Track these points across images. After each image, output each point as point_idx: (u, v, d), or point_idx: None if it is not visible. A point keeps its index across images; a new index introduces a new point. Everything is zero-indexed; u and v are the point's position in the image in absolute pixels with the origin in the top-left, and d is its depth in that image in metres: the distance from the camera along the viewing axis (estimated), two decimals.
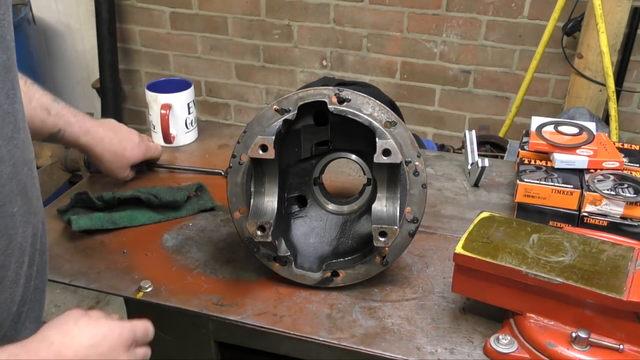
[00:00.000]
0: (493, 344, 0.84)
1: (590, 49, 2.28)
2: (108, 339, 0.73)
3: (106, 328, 0.73)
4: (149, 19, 3.07)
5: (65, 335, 0.70)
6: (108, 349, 0.72)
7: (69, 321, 0.72)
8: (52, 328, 0.71)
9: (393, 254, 0.94)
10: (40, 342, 0.68)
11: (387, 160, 0.88)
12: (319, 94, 0.92)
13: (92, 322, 0.73)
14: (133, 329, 0.77)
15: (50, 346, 0.68)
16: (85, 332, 0.71)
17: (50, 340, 0.69)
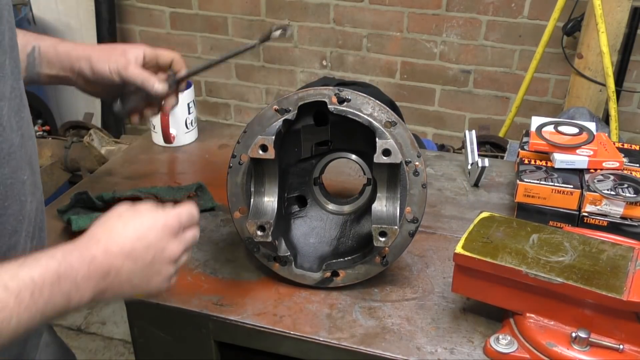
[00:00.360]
0: (493, 344, 0.84)
1: (590, 49, 2.28)
2: (153, 230, 0.73)
3: (150, 219, 0.74)
4: (149, 19, 3.07)
5: (110, 231, 0.71)
6: (155, 240, 0.73)
7: (113, 217, 0.73)
8: (98, 226, 0.72)
9: (393, 254, 0.94)
10: (89, 240, 0.70)
11: (387, 160, 0.88)
12: (319, 94, 0.92)
13: (136, 215, 0.74)
14: (178, 216, 0.76)
15: (98, 243, 0.69)
16: (130, 226, 0.72)
17: (97, 238, 0.70)
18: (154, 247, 0.73)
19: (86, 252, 0.68)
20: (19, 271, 0.62)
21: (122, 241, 0.71)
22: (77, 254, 0.67)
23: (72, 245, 0.69)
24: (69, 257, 0.66)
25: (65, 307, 0.65)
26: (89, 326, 2.50)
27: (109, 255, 0.69)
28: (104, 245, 0.69)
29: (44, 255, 0.65)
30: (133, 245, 0.71)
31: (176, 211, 0.77)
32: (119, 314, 2.52)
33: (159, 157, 1.40)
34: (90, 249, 0.69)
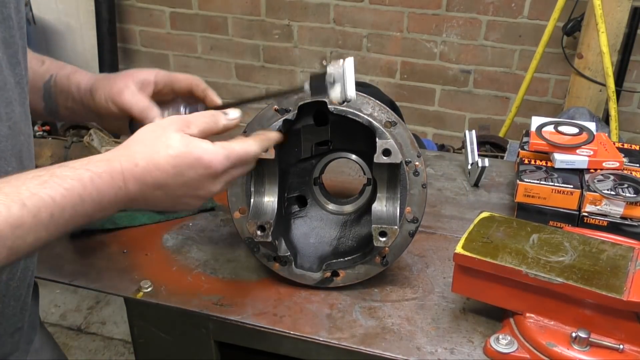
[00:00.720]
0: (493, 344, 0.84)
1: (590, 49, 2.28)
2: (194, 169, 0.71)
3: (194, 158, 0.71)
4: (149, 19, 3.07)
5: (150, 160, 0.69)
6: (192, 180, 0.71)
7: (160, 137, 0.71)
8: (141, 143, 0.70)
9: (393, 254, 0.94)
10: (125, 160, 0.68)
11: (387, 160, 0.88)
12: None
13: (183, 148, 0.70)
14: (227, 159, 0.73)
15: (133, 168, 0.68)
16: (172, 159, 0.70)
17: (134, 161, 0.69)
18: (189, 185, 0.71)
19: (118, 178, 0.67)
20: (40, 190, 0.61)
21: (158, 174, 0.69)
22: (108, 178, 0.66)
23: (104, 163, 0.67)
24: (97, 180, 0.65)
25: (87, 222, 0.66)
26: (89, 326, 2.50)
27: (141, 185, 0.68)
28: (139, 173, 0.68)
29: (70, 173, 0.64)
30: (168, 180, 0.70)
31: (226, 152, 0.74)
32: (119, 314, 2.52)
33: None
34: (124, 172, 0.67)
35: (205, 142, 0.73)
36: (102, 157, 0.68)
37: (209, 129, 0.77)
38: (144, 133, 0.72)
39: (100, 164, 0.67)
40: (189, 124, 0.74)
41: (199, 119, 0.76)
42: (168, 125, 0.73)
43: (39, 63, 0.95)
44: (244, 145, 0.78)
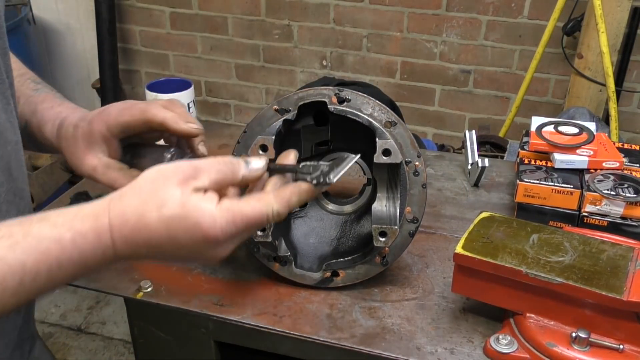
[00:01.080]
0: (493, 344, 0.84)
1: (590, 49, 2.28)
2: (190, 235, 0.61)
3: (191, 223, 0.60)
4: (149, 19, 3.07)
5: (140, 218, 0.60)
6: (190, 246, 0.61)
7: (154, 199, 0.60)
8: (136, 194, 0.61)
9: (393, 254, 0.94)
10: (116, 214, 0.60)
11: (387, 160, 0.88)
12: (319, 94, 0.92)
13: (178, 209, 0.60)
14: (232, 222, 0.61)
15: (124, 226, 0.59)
16: (164, 221, 0.60)
17: (124, 218, 0.59)
18: (187, 250, 0.62)
19: (105, 236, 0.59)
20: (8, 253, 0.54)
21: (149, 234, 0.60)
22: (93, 237, 0.58)
23: (91, 220, 0.59)
24: (80, 241, 0.58)
25: (71, 281, 0.60)
26: (89, 326, 2.50)
27: (130, 245, 0.60)
28: (128, 232, 0.59)
29: (48, 232, 0.57)
30: (161, 242, 0.61)
31: (232, 215, 0.61)
32: (119, 314, 2.52)
33: None
34: (112, 230, 0.59)
35: (208, 201, 0.61)
36: (91, 210, 0.60)
37: (224, 180, 0.64)
38: (144, 181, 0.62)
39: (87, 220, 0.59)
40: (199, 173, 0.62)
41: (213, 166, 0.64)
42: (172, 174, 0.62)
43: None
44: (257, 206, 0.63)
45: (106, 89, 3.00)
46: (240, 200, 0.63)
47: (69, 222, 0.58)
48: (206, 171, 0.63)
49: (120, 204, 0.61)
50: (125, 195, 0.62)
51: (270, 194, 0.65)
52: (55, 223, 0.58)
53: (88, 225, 0.59)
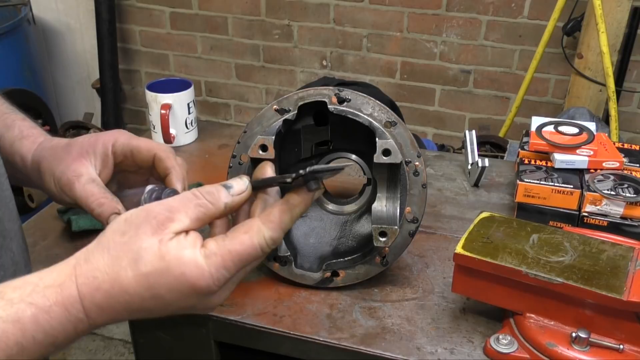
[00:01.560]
0: (493, 344, 0.84)
1: (590, 49, 2.28)
2: (177, 291, 0.53)
3: (174, 277, 0.52)
4: (149, 19, 3.07)
5: (115, 281, 0.52)
6: (178, 301, 0.54)
7: (128, 255, 0.52)
8: (105, 252, 0.53)
9: (393, 254, 0.94)
10: (84, 281, 0.51)
11: (387, 160, 0.88)
12: (319, 94, 0.92)
13: (157, 263, 0.52)
14: (223, 267, 0.54)
15: (96, 293, 0.51)
16: (143, 279, 0.52)
17: (95, 284, 0.51)
18: (176, 306, 0.55)
19: (75, 308, 0.51)
20: None
21: (128, 298, 0.52)
22: (60, 312, 0.50)
23: (54, 292, 0.50)
24: (43, 318, 0.49)
25: None
26: None
27: (108, 312, 0.53)
28: (103, 299, 0.52)
29: (3, 312, 0.48)
30: (144, 304, 0.53)
31: (221, 259, 0.54)
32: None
33: None
34: (84, 300, 0.51)
35: (189, 246, 0.53)
36: (54, 280, 0.51)
37: (206, 214, 0.56)
38: (112, 234, 0.54)
39: (50, 293, 0.50)
40: (174, 214, 0.54)
41: (190, 201, 0.55)
42: (143, 221, 0.53)
43: None
44: (247, 240, 0.55)
45: (106, 89, 3.00)
46: (226, 238, 0.55)
47: (28, 297, 0.49)
48: (182, 210, 0.54)
49: (88, 266, 0.52)
50: (92, 254, 0.53)
51: (257, 220, 0.57)
52: (11, 300, 0.49)
53: (52, 298, 0.50)
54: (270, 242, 0.56)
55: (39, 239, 1.08)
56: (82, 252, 0.54)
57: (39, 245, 1.07)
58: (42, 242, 1.07)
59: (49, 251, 1.05)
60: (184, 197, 0.56)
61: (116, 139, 0.71)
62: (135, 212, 0.54)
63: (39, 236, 1.09)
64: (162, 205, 0.54)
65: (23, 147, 0.74)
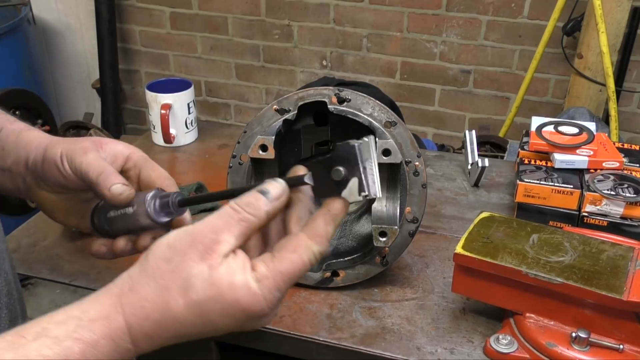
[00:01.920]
0: (493, 344, 0.84)
1: (590, 49, 2.28)
2: (229, 316, 0.52)
3: (227, 303, 0.51)
4: (149, 19, 3.07)
5: (165, 311, 0.51)
6: (228, 326, 0.53)
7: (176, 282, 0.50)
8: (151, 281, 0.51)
9: (393, 254, 0.94)
10: (132, 311, 0.51)
11: (387, 160, 0.88)
12: (319, 94, 0.92)
13: (209, 291, 0.50)
14: (276, 288, 0.52)
15: (144, 323, 0.51)
16: (195, 308, 0.51)
17: (144, 314, 0.50)
18: (227, 329, 0.53)
19: (123, 339, 0.50)
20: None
21: (179, 326, 0.51)
22: (108, 344, 0.49)
23: (101, 325, 0.49)
24: (91, 352, 0.48)
25: None
26: None
27: (157, 341, 0.52)
28: (152, 329, 0.51)
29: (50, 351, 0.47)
30: (193, 331, 0.52)
31: (273, 281, 0.52)
32: None
33: (159, 157, 1.40)
34: (132, 331, 0.50)
35: (240, 271, 0.51)
36: (99, 313, 0.50)
37: (250, 228, 0.53)
38: (156, 262, 0.52)
39: (96, 327, 0.49)
40: (219, 235, 0.52)
41: (232, 218, 0.53)
42: (189, 247, 0.51)
43: None
44: (296, 259, 0.53)
45: (106, 89, 3.00)
46: (274, 258, 0.53)
47: (74, 333, 0.48)
48: (226, 229, 0.52)
49: (135, 296, 0.51)
50: (137, 283, 0.51)
51: (303, 236, 0.54)
52: (57, 337, 0.48)
53: (99, 331, 0.49)
54: (319, 256, 0.55)
55: (39, 239, 1.08)
56: (125, 281, 0.53)
57: (39, 245, 1.07)
58: (42, 242, 1.07)
59: (49, 251, 1.05)
60: (225, 213, 0.53)
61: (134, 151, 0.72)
62: (178, 236, 0.52)
63: (39, 236, 1.09)
64: (206, 226, 0.52)
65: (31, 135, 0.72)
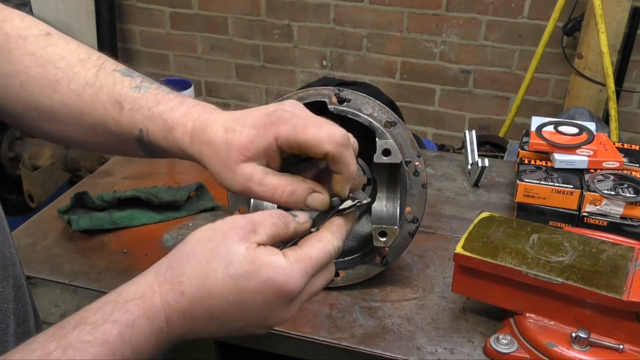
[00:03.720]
0: (493, 344, 0.84)
1: (590, 49, 2.28)
2: (262, 294, 0.53)
3: (262, 280, 0.53)
4: (149, 19, 3.07)
5: (202, 285, 0.52)
6: (259, 307, 0.54)
7: (217, 259, 0.53)
8: (192, 259, 0.53)
9: (393, 254, 0.94)
10: (169, 289, 0.52)
11: (387, 160, 0.88)
12: (319, 94, 0.92)
13: (248, 267, 0.53)
14: (305, 272, 0.55)
15: (180, 298, 0.52)
16: (233, 282, 0.52)
17: (180, 289, 0.52)
18: (254, 314, 0.55)
19: (158, 318, 0.51)
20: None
21: (213, 302, 0.53)
22: (144, 324, 0.51)
23: (137, 304, 0.51)
24: (129, 333, 0.50)
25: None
26: None
27: (189, 319, 0.53)
28: (186, 305, 0.52)
29: (91, 337, 0.48)
30: (226, 310, 0.54)
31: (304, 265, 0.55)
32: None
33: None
34: (166, 308, 0.52)
35: (276, 254, 0.55)
36: (134, 293, 0.52)
37: (279, 234, 0.58)
38: (196, 243, 0.55)
39: (131, 306, 0.51)
40: (257, 227, 0.56)
41: (268, 219, 0.57)
42: (230, 230, 0.55)
43: (116, 107, 0.69)
44: (322, 247, 0.58)
45: None
46: (302, 247, 0.58)
47: (111, 316, 0.50)
48: (262, 225, 0.56)
49: (172, 273, 0.53)
50: (176, 262, 0.54)
51: (326, 231, 0.60)
52: (95, 323, 0.49)
53: (135, 311, 0.51)
54: (338, 250, 0.60)
55: (39, 239, 1.08)
56: (162, 262, 0.55)
57: (39, 245, 1.07)
58: (42, 242, 1.07)
59: (49, 251, 1.05)
60: (264, 214, 0.58)
61: (279, 134, 0.64)
62: (218, 223, 0.56)
63: (39, 236, 1.09)
64: (244, 218, 0.56)
65: (176, 138, 0.69)
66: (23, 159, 2.47)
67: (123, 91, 0.69)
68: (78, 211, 1.13)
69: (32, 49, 0.69)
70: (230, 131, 0.66)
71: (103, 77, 0.69)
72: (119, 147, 0.72)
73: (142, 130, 0.69)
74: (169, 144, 0.70)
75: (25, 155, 2.48)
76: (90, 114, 0.69)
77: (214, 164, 0.68)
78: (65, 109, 0.69)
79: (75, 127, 0.70)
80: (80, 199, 1.13)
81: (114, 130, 0.69)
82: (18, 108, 0.70)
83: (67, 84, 0.69)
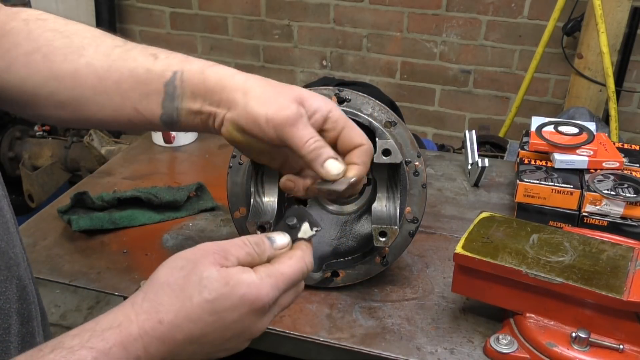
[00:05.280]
0: (493, 344, 0.84)
1: (590, 49, 2.28)
2: (237, 310, 0.55)
3: (237, 297, 0.55)
4: (149, 19, 3.07)
5: (179, 311, 0.53)
6: (235, 322, 0.56)
7: (191, 285, 0.54)
8: (166, 288, 0.55)
9: (393, 254, 0.94)
10: (146, 318, 0.53)
11: (387, 160, 0.88)
12: (319, 94, 0.92)
13: (222, 289, 0.54)
14: (275, 287, 0.57)
15: (158, 327, 0.53)
16: (209, 305, 0.54)
17: (157, 318, 0.53)
18: (231, 330, 0.56)
19: (135, 346, 0.52)
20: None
21: (192, 327, 0.54)
22: (120, 351, 0.51)
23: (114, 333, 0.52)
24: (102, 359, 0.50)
25: None
26: None
27: (167, 345, 0.53)
28: (165, 331, 0.53)
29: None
30: (205, 331, 0.55)
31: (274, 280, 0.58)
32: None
33: (159, 157, 1.40)
34: (144, 337, 0.52)
35: (247, 272, 0.57)
36: (111, 322, 0.53)
37: (251, 263, 0.59)
38: (169, 271, 0.57)
39: (108, 335, 0.52)
40: (228, 255, 0.57)
41: (241, 249, 0.59)
42: (201, 257, 0.57)
43: (150, 58, 0.72)
44: (294, 264, 0.60)
45: None
46: (273, 263, 0.60)
47: (87, 343, 0.51)
48: (234, 254, 0.58)
49: (149, 303, 0.54)
50: (150, 292, 0.55)
51: (297, 249, 0.63)
52: (72, 348, 0.50)
53: (111, 340, 0.51)
54: (310, 266, 0.62)
55: (39, 239, 1.08)
56: (137, 294, 0.56)
57: (39, 245, 1.07)
58: (42, 242, 1.07)
59: (49, 251, 1.05)
60: (235, 243, 0.59)
61: (333, 108, 0.70)
62: (190, 250, 0.58)
63: (39, 236, 1.09)
64: (217, 244, 0.58)
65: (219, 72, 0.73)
66: (23, 159, 2.47)
67: (157, 50, 0.74)
68: (78, 211, 1.13)
69: (53, 26, 0.72)
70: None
71: (132, 44, 0.74)
72: (139, 101, 0.71)
73: (176, 73, 0.71)
74: (203, 85, 0.71)
75: (25, 155, 2.48)
76: (119, 68, 0.71)
77: (265, 89, 0.73)
78: (88, 70, 0.71)
79: (96, 88, 0.71)
80: (80, 199, 1.13)
81: (142, 78, 0.71)
82: (37, 82, 0.71)
83: (95, 48, 0.72)
